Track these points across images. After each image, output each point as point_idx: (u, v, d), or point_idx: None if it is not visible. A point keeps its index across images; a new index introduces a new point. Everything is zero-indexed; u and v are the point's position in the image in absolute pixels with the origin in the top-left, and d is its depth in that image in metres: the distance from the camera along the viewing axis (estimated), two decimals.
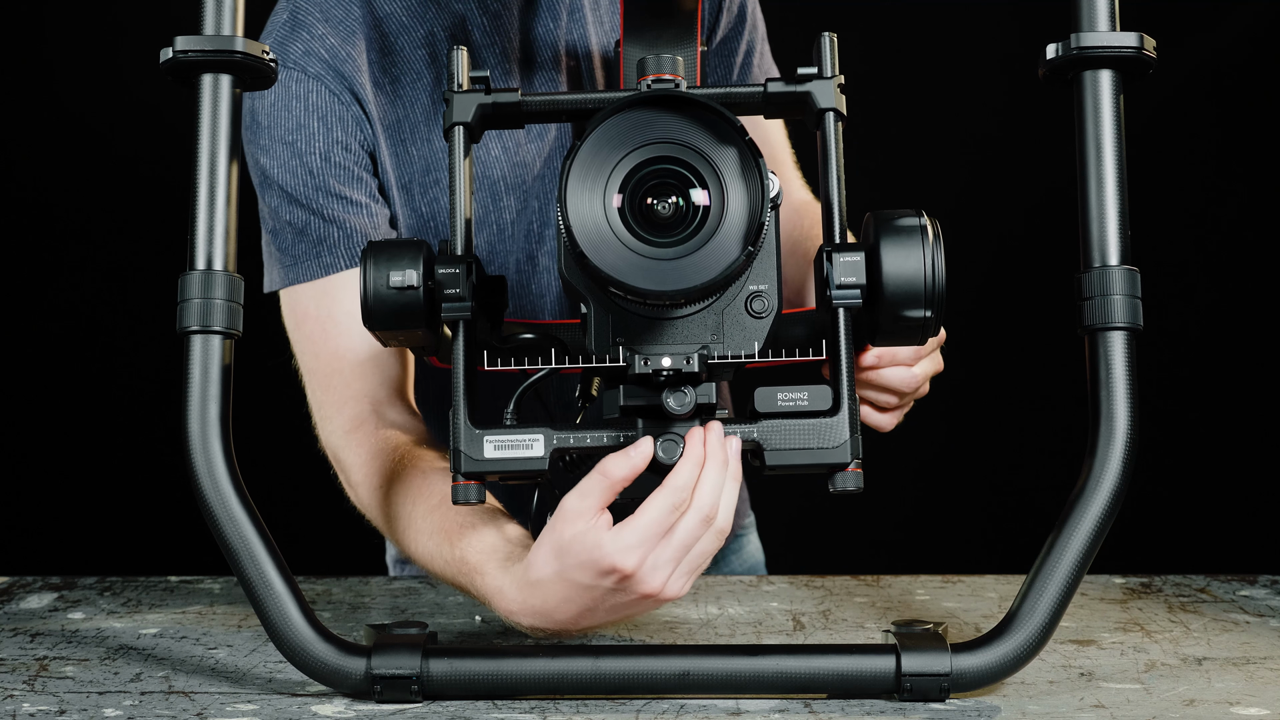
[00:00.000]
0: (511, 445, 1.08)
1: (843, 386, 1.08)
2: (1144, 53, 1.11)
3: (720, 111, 1.01)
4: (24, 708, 1.08)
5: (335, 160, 1.34)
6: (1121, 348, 1.10)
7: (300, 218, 1.34)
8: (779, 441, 1.07)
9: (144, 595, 1.42)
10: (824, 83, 1.12)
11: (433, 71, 1.38)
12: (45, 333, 2.63)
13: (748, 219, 1.01)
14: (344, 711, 1.07)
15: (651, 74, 1.09)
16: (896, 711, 1.07)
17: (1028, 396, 2.71)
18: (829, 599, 1.40)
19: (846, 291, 1.07)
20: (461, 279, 1.08)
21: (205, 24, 1.11)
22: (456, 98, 1.13)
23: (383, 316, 1.08)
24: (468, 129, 1.13)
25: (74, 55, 2.56)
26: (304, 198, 1.34)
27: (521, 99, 1.14)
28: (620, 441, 1.07)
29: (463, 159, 1.13)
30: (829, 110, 1.12)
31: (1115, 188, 1.11)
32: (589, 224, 1.01)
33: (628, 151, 1.02)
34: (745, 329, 1.07)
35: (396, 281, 1.07)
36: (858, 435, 1.07)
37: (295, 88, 1.34)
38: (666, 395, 1.04)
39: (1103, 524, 1.09)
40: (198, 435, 1.09)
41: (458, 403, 1.08)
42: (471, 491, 1.08)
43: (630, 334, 1.05)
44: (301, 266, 1.35)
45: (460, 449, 1.08)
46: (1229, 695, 1.10)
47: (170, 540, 2.50)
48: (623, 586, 1.06)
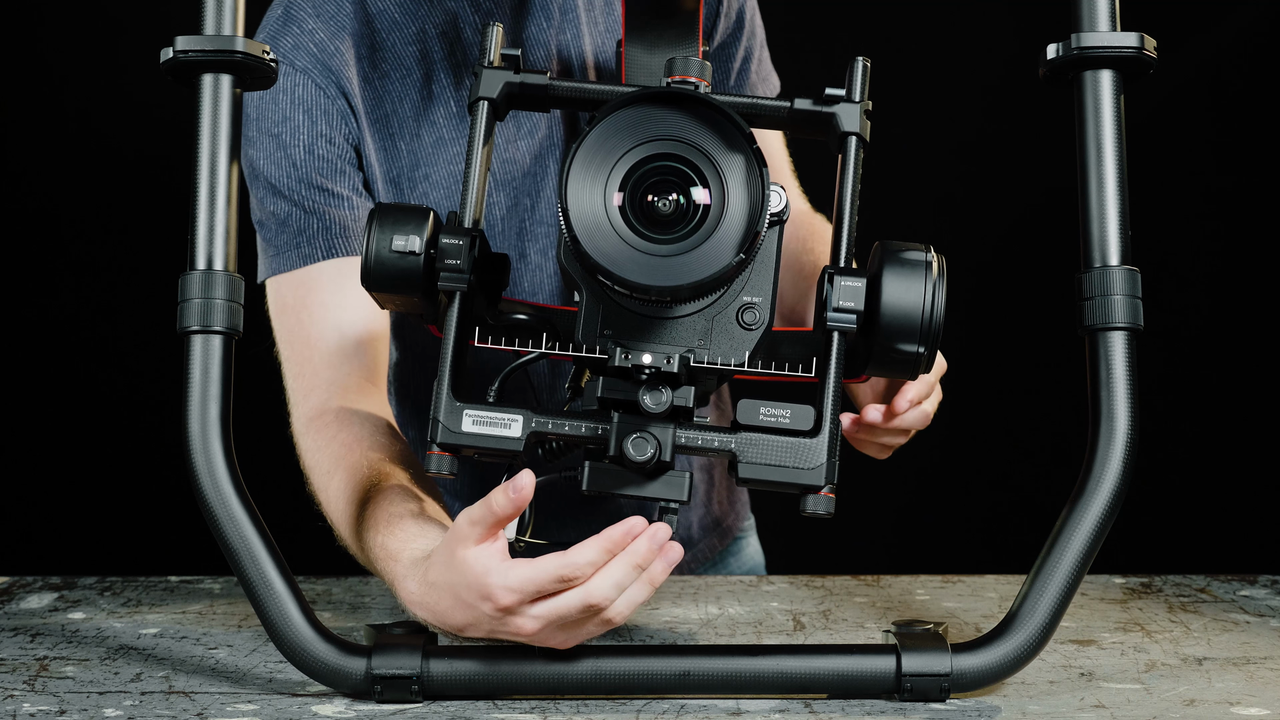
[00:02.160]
0: (490, 423, 1.07)
1: (826, 409, 1.06)
2: (1144, 53, 1.11)
3: (728, 114, 1.01)
4: (24, 708, 1.08)
5: (319, 153, 1.36)
6: (1122, 348, 1.10)
7: (283, 209, 1.36)
8: (755, 455, 1.06)
9: (144, 595, 1.42)
10: (851, 106, 1.11)
11: (423, 69, 1.39)
12: (45, 333, 2.63)
13: (746, 224, 1.01)
14: (344, 711, 1.07)
15: (679, 74, 1.08)
16: (897, 711, 1.07)
17: (1028, 396, 2.71)
18: (829, 599, 1.40)
19: (843, 316, 1.06)
20: (464, 250, 1.07)
21: (205, 24, 1.11)
22: (486, 73, 1.13)
23: (381, 279, 1.08)
24: (492, 105, 1.13)
25: (74, 55, 2.56)
26: (286, 189, 1.36)
27: (550, 82, 1.13)
28: (596, 433, 1.06)
29: (483, 133, 1.12)
30: (853, 134, 1.11)
31: (1116, 188, 1.11)
32: (587, 212, 1.01)
33: (633, 145, 1.02)
34: (733, 338, 1.06)
35: (399, 245, 1.07)
36: (835, 460, 1.06)
37: (283, 81, 1.35)
38: (643, 393, 1.04)
39: (1103, 524, 1.09)
40: (198, 435, 1.09)
41: (443, 373, 1.07)
42: (445, 462, 1.07)
43: (619, 328, 1.05)
44: (283, 257, 1.37)
45: (439, 419, 1.07)
46: (1229, 695, 1.11)
47: (170, 540, 2.50)
48: (500, 618, 1.05)
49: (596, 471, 1.07)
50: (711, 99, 1.02)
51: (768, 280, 1.07)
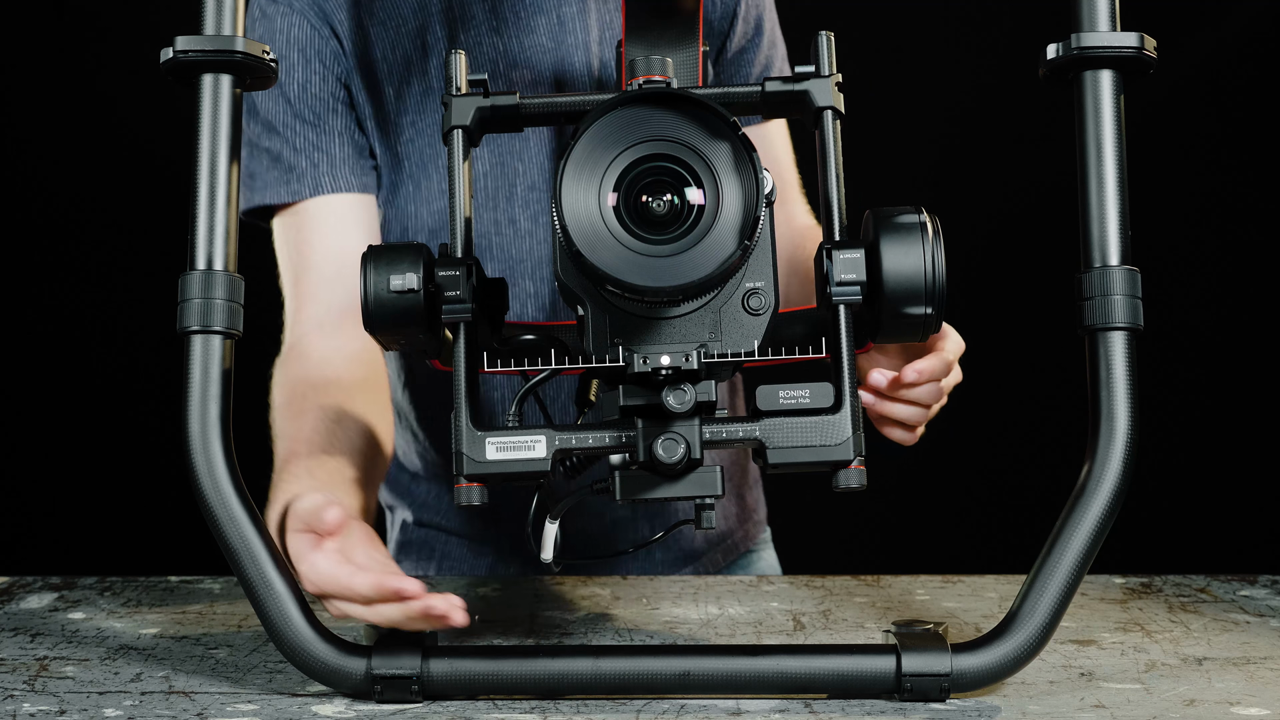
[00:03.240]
0: (514, 447, 1.07)
1: (844, 384, 1.07)
2: (1144, 53, 1.11)
3: (712, 107, 1.01)
4: (24, 708, 1.08)
5: (312, 91, 1.43)
6: (1122, 348, 1.10)
7: (275, 145, 1.43)
8: (781, 439, 1.07)
9: (144, 595, 1.42)
10: (822, 81, 1.12)
11: (419, 19, 1.43)
12: (45, 332, 2.63)
13: (743, 214, 1.01)
14: (344, 711, 1.07)
15: (642, 75, 1.09)
16: (897, 711, 1.07)
17: (1028, 396, 2.71)
18: (829, 599, 1.40)
19: (847, 288, 1.07)
20: (462, 281, 1.08)
21: (205, 24, 1.11)
22: (455, 101, 1.13)
23: (383, 320, 1.08)
24: (466, 132, 1.13)
25: (74, 53, 2.56)
26: (281, 125, 1.43)
27: (520, 102, 1.14)
28: (622, 441, 1.07)
29: (462, 162, 1.13)
30: (827, 109, 1.12)
31: (1115, 188, 1.11)
32: (584, 222, 1.01)
33: (621, 150, 1.02)
34: (743, 326, 1.06)
35: (396, 285, 1.07)
36: (860, 432, 1.07)
37: (279, 21, 1.43)
38: (666, 394, 1.04)
39: (1103, 524, 1.09)
40: (198, 435, 1.09)
41: (459, 405, 1.07)
42: (474, 494, 1.08)
43: (628, 334, 1.05)
44: (270, 190, 1.44)
45: (463, 451, 1.07)
46: (1229, 695, 1.10)
47: (170, 540, 2.50)
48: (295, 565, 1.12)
49: (628, 480, 1.07)
50: (689, 93, 1.02)
51: (767, 263, 1.07)
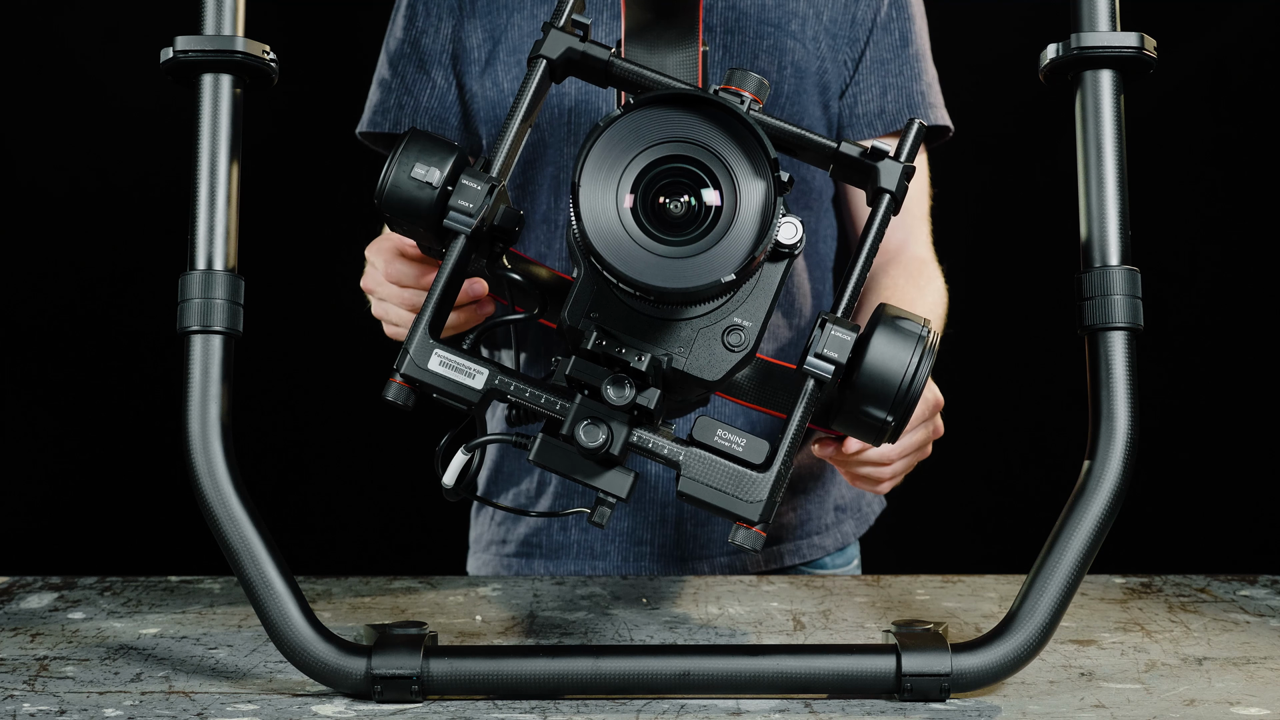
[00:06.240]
0: (456, 368, 1.07)
1: (782, 448, 1.05)
2: (1144, 53, 1.11)
3: (760, 136, 1.00)
4: (24, 708, 1.08)
5: (423, 44, 1.58)
6: (1122, 348, 1.10)
7: (388, 76, 1.60)
8: (699, 473, 1.05)
9: (144, 595, 1.42)
10: (893, 165, 1.10)
11: None
12: (45, 333, 2.63)
13: (749, 246, 1.00)
14: (344, 711, 1.07)
15: (734, 85, 1.09)
16: (897, 711, 1.07)
17: (1028, 396, 2.71)
18: (829, 599, 1.40)
19: (822, 363, 1.05)
20: (480, 195, 1.07)
21: (205, 24, 1.11)
22: (552, 33, 1.13)
23: (392, 202, 1.09)
24: (550, 65, 1.13)
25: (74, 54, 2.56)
26: (397, 60, 1.60)
27: (610, 59, 1.13)
28: (555, 409, 1.06)
29: (533, 89, 1.12)
30: (888, 192, 1.10)
31: (1115, 188, 1.11)
32: (599, 211, 1.01)
33: (646, 146, 1.01)
34: (713, 355, 1.05)
35: (418, 174, 1.08)
36: (775, 501, 1.05)
37: None
38: (607, 382, 1.03)
39: (1103, 524, 1.09)
40: (198, 435, 1.09)
41: (426, 307, 1.07)
42: (403, 394, 1.07)
43: (605, 314, 1.05)
44: (375, 118, 1.60)
45: (409, 351, 1.07)
46: (1229, 695, 1.11)
47: (170, 540, 2.50)
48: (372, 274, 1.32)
49: (547, 446, 1.06)
50: (742, 112, 1.01)
51: (762, 309, 1.06)
